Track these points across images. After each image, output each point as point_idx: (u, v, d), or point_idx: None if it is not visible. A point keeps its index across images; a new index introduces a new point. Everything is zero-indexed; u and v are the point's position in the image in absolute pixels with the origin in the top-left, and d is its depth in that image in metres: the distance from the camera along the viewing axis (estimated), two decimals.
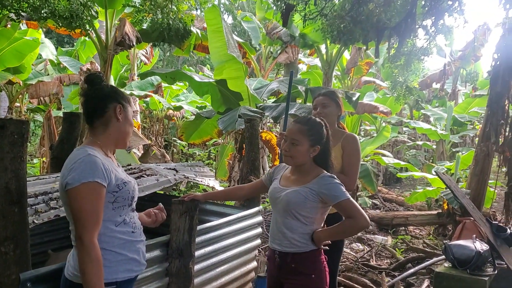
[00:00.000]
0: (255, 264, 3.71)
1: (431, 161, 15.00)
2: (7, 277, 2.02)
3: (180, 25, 6.70)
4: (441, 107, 16.48)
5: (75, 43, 14.25)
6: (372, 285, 4.69)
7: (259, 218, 3.73)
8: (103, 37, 7.40)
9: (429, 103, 19.07)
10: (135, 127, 8.99)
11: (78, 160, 1.87)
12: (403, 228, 7.53)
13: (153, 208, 2.38)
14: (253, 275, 3.68)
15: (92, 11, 6.21)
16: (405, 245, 6.47)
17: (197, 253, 2.84)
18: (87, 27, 6.27)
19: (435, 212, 7.28)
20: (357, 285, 4.64)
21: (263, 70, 13.21)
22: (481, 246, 4.07)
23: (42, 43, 11.31)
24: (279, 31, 10.52)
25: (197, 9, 8.41)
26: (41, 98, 10.90)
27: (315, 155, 2.40)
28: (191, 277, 2.71)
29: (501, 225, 4.78)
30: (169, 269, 2.66)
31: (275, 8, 7.44)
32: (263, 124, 9.28)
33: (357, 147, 3.15)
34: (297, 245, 2.34)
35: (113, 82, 10.96)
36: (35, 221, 2.57)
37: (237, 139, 7.14)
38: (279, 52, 12.20)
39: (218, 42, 7.00)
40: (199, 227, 2.85)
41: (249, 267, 3.59)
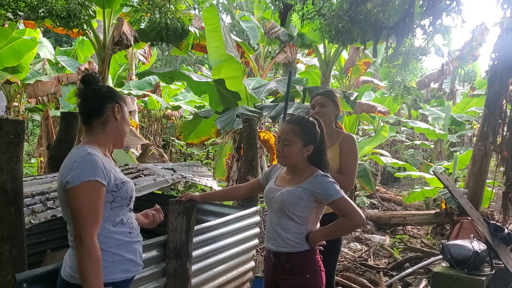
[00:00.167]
0: (253, 264, 3.71)
1: (429, 160, 14.99)
2: (3, 277, 2.02)
3: (178, 25, 6.68)
4: (439, 107, 16.49)
5: (73, 43, 14.22)
6: (370, 285, 4.69)
7: (257, 218, 3.73)
8: (101, 37, 7.38)
9: (427, 102, 19.06)
10: (133, 127, 8.98)
11: (78, 159, 1.87)
12: (401, 227, 7.53)
13: (150, 209, 2.38)
14: (251, 275, 3.68)
15: (89, 10, 6.19)
16: (403, 244, 6.47)
17: (195, 253, 2.84)
18: (85, 26, 6.26)
19: (433, 211, 7.28)
20: (355, 285, 4.64)
21: (261, 69, 13.20)
22: (478, 246, 4.08)
23: (40, 42, 11.29)
24: (277, 31, 10.52)
25: (195, 9, 8.39)
26: (39, 97, 10.89)
27: (309, 155, 2.40)
28: (188, 277, 2.71)
29: (498, 224, 4.79)
30: (166, 269, 2.65)
31: (273, 7, 7.45)
32: (262, 123, 9.27)
33: (355, 147, 3.15)
34: (292, 245, 2.33)
35: (111, 81, 10.96)
36: (32, 221, 2.56)
37: (235, 139, 7.13)
38: (277, 51, 12.19)
39: (216, 41, 6.99)
40: (196, 227, 2.84)
41: (246, 267, 3.59)
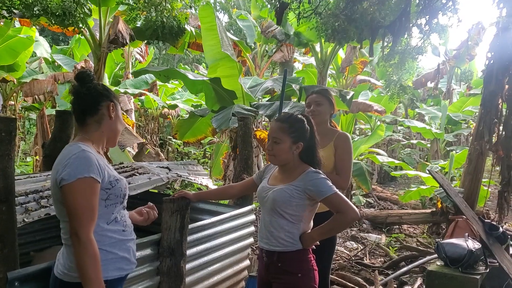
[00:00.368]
0: (248, 262, 3.70)
1: (425, 160, 15.04)
2: None
3: (174, 23, 6.68)
4: (436, 106, 16.53)
5: (70, 41, 14.18)
6: (365, 284, 4.70)
7: (252, 216, 3.72)
8: (97, 35, 7.37)
9: (424, 102, 19.12)
10: (130, 126, 8.96)
11: (72, 155, 1.87)
12: (397, 226, 7.54)
13: (143, 206, 2.37)
14: (246, 273, 3.68)
15: (85, 8, 6.18)
16: (399, 243, 6.49)
17: (189, 252, 2.83)
18: (80, 24, 6.24)
19: (429, 210, 7.30)
20: (350, 284, 4.65)
21: (258, 68, 13.17)
22: (473, 244, 4.08)
23: (36, 41, 11.25)
24: (274, 30, 10.50)
25: (191, 7, 8.37)
26: (36, 96, 10.86)
27: (300, 152, 2.39)
28: (182, 275, 2.70)
29: (493, 223, 4.79)
30: (160, 268, 2.65)
31: (269, 6, 7.43)
32: (258, 122, 9.26)
33: (350, 146, 3.15)
34: (284, 244, 2.32)
35: (107, 80, 10.93)
36: (25, 220, 2.55)
37: (232, 138, 7.13)
38: (274, 50, 12.18)
39: (212, 40, 6.98)
40: (191, 226, 2.84)
41: (241, 265, 3.58)
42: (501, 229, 4.62)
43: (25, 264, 2.90)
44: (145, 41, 7.91)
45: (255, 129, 7.36)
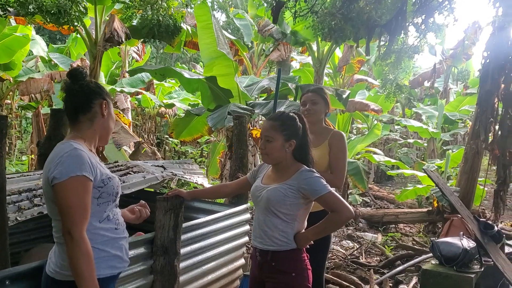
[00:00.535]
0: (242, 261, 3.69)
1: (422, 159, 15.06)
2: None
3: (170, 22, 6.66)
4: (433, 105, 16.56)
5: (67, 40, 14.15)
6: (360, 283, 4.70)
7: (247, 215, 3.71)
8: (93, 34, 7.35)
9: (421, 101, 19.14)
10: (126, 124, 8.93)
11: (64, 154, 1.85)
12: (394, 225, 7.54)
13: (135, 204, 2.36)
14: (240, 272, 3.67)
15: (80, 6, 6.15)
16: (395, 242, 6.49)
17: (183, 251, 2.82)
18: (76, 23, 6.21)
19: (425, 209, 7.31)
20: (345, 282, 4.64)
21: (255, 67, 13.18)
22: (468, 243, 4.08)
23: (33, 39, 11.24)
24: (271, 28, 10.49)
25: (187, 6, 8.36)
26: (32, 95, 10.84)
27: (293, 150, 2.38)
28: (176, 274, 2.69)
29: (488, 222, 4.78)
30: (153, 266, 2.64)
31: (265, 4, 7.42)
32: (255, 121, 9.26)
33: (344, 145, 3.14)
34: (277, 243, 2.31)
35: (103, 78, 10.90)
36: (18, 218, 2.54)
37: (228, 137, 7.12)
38: (271, 49, 12.19)
39: (208, 38, 6.97)
40: (185, 225, 2.83)
41: (236, 264, 3.57)
42: (496, 228, 4.62)
43: (18, 263, 2.89)
44: (142, 40, 7.89)
45: (251, 128, 7.36)
